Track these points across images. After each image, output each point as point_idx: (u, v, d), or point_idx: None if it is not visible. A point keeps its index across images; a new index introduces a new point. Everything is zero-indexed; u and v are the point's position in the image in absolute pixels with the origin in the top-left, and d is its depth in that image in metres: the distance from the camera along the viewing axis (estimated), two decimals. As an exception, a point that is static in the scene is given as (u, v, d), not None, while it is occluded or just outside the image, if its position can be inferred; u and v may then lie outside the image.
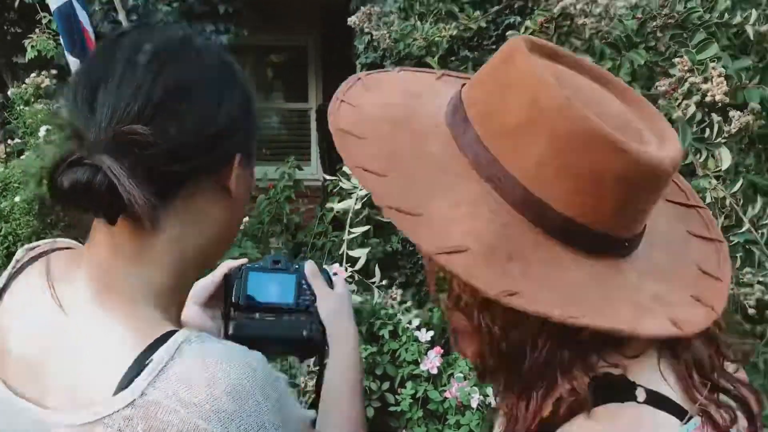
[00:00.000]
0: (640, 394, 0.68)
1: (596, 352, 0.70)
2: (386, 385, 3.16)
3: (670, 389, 0.70)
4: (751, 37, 1.56)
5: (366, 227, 2.86)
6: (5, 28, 7.30)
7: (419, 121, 0.76)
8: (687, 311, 0.70)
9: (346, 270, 2.50)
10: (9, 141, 4.01)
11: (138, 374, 0.67)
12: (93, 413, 0.67)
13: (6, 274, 0.82)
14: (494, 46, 3.93)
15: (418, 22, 2.46)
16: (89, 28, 2.97)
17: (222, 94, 0.75)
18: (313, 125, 7.33)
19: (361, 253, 2.47)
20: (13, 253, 3.33)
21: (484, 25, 3.58)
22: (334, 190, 4.34)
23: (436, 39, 2.31)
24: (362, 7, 2.98)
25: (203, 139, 0.73)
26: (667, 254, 0.77)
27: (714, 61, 1.55)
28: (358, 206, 2.51)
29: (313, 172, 7.23)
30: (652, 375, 0.71)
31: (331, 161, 7.07)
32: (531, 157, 0.68)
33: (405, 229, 0.68)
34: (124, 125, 0.68)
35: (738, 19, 1.54)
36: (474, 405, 2.85)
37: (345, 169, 2.93)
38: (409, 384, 3.11)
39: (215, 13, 4.00)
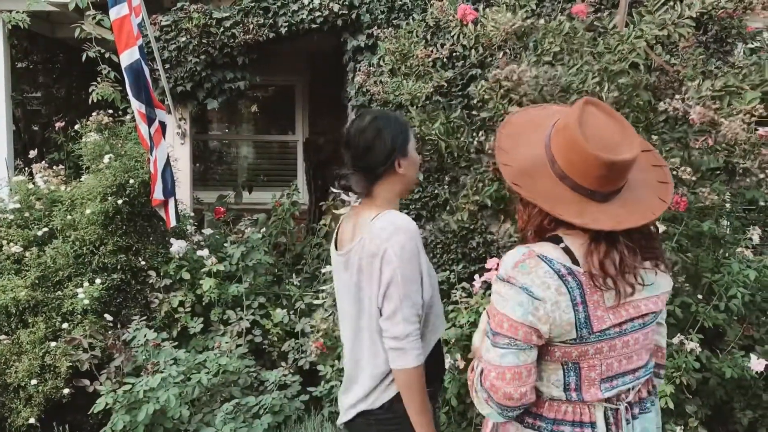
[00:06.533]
0: (562, 244, 1.51)
1: (557, 226, 1.53)
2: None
3: (579, 252, 1.50)
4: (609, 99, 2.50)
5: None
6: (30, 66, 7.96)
7: (543, 125, 1.60)
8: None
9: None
10: (60, 166, 4.79)
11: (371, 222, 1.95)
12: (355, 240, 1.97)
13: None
14: (460, 92, 4.84)
15: (404, 81, 3.35)
16: (149, 79, 3.85)
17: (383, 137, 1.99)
18: (300, 156, 8.07)
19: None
20: (81, 255, 4.32)
21: (452, 76, 4.51)
22: (325, 210, 5.25)
23: (417, 94, 3.20)
24: (360, 66, 3.88)
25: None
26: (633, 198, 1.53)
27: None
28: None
29: (300, 197, 8.00)
30: (576, 244, 1.51)
31: (316, 187, 7.88)
32: (559, 143, 1.50)
33: (496, 157, 1.55)
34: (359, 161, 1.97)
35: (604, 90, 2.47)
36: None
37: (343, 196, 3.88)
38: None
39: (234, 64, 4.89)
